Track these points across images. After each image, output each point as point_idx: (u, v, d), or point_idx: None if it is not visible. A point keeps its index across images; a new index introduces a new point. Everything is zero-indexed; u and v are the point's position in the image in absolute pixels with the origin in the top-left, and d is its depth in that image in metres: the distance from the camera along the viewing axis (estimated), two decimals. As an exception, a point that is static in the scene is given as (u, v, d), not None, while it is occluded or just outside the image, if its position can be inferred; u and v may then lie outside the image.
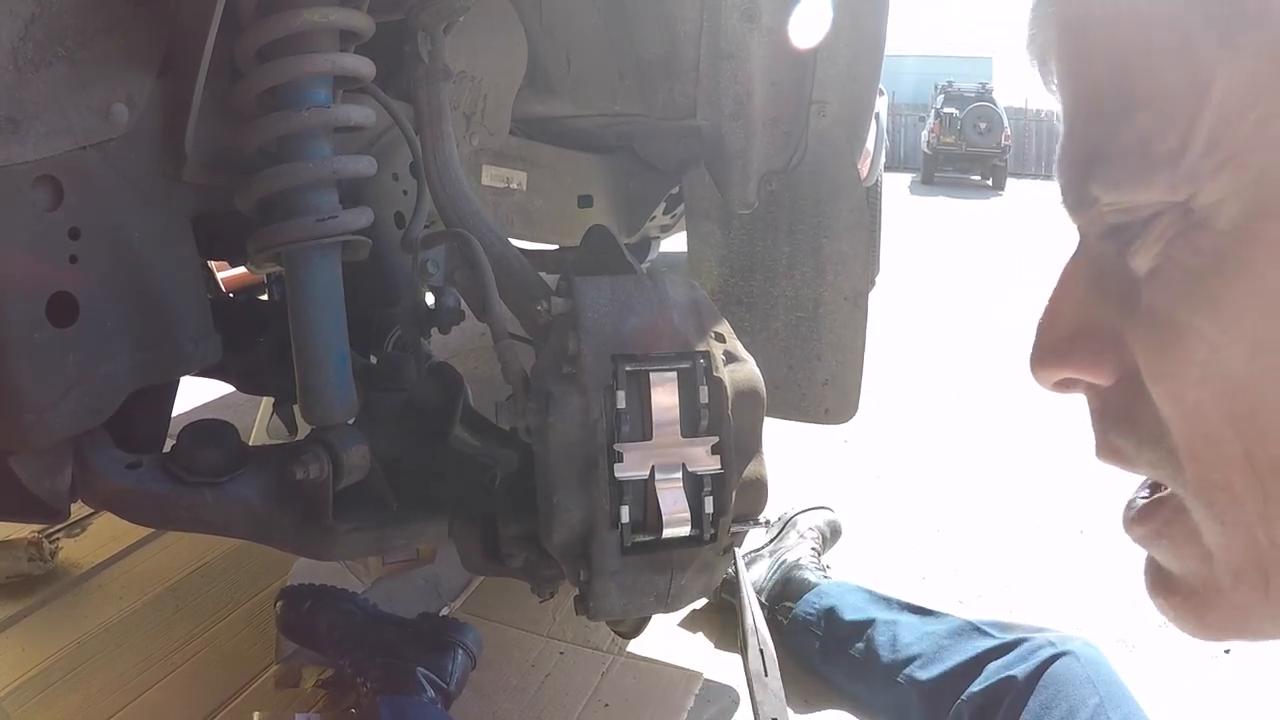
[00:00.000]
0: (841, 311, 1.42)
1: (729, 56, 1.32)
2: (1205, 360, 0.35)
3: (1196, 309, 0.35)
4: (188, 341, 0.83)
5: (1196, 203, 0.34)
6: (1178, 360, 0.36)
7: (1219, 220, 0.33)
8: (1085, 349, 0.40)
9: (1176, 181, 0.34)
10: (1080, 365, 0.41)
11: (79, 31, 0.68)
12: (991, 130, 13.17)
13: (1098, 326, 0.40)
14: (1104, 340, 0.39)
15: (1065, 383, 0.42)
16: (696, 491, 0.74)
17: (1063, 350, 0.41)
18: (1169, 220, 0.35)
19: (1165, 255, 0.36)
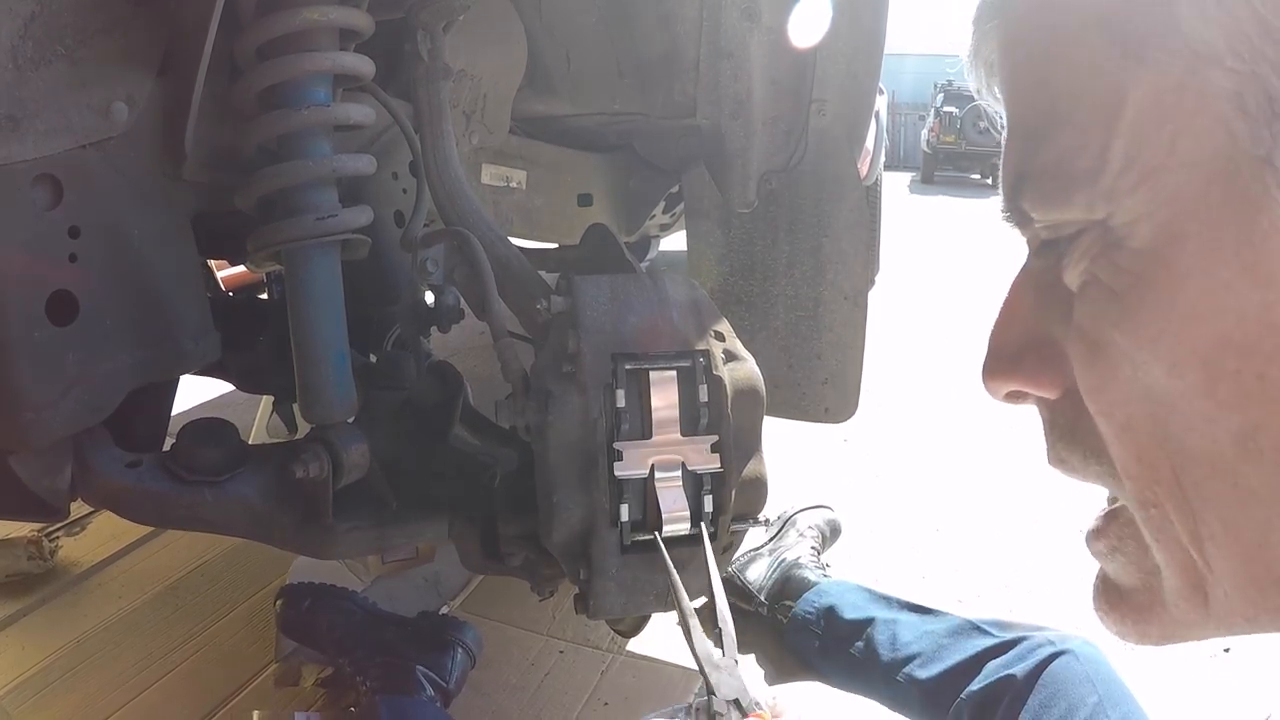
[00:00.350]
0: (841, 310, 1.42)
1: (729, 55, 1.32)
2: (1129, 378, 0.35)
3: (1118, 327, 0.35)
4: (187, 340, 0.83)
5: (1114, 221, 0.34)
6: (1105, 378, 0.36)
7: (1134, 239, 0.34)
8: (1031, 362, 0.40)
9: (1094, 200, 0.34)
10: (1026, 378, 0.41)
11: (79, 30, 0.68)
12: (991, 129, 13.15)
13: (1043, 340, 0.40)
14: (1049, 354, 0.39)
15: (1014, 395, 0.42)
16: (696, 490, 0.74)
17: (1009, 363, 0.41)
18: (1091, 238, 0.35)
19: (1089, 273, 0.36)
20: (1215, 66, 0.31)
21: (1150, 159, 0.33)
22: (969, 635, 1.38)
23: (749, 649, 1.62)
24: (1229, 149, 0.31)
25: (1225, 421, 0.33)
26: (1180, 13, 0.31)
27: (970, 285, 5.61)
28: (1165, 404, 0.34)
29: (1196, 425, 0.34)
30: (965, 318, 4.61)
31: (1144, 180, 0.33)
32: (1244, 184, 0.31)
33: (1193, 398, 0.33)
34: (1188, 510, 0.35)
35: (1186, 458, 0.34)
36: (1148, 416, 0.35)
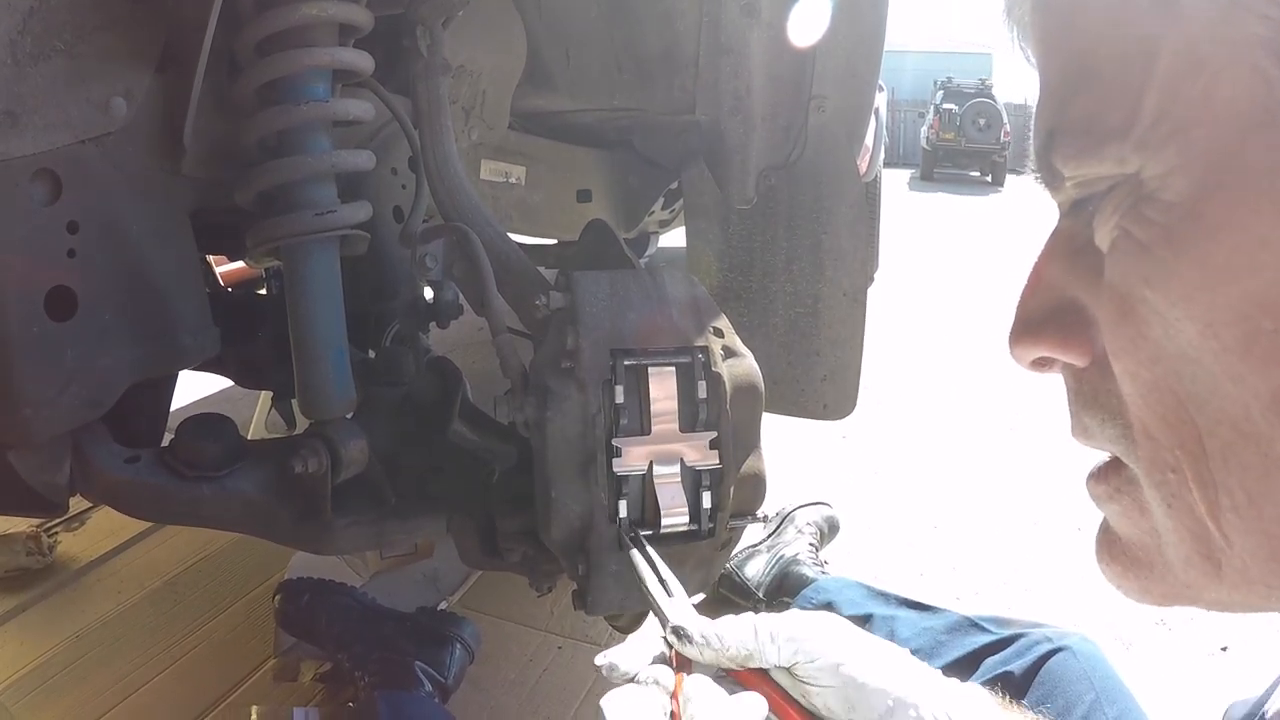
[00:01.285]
0: (840, 307, 1.42)
1: (729, 51, 1.32)
2: (1159, 337, 0.34)
3: (1149, 283, 0.34)
4: (186, 335, 0.83)
5: (1146, 174, 0.33)
6: (1133, 336, 0.35)
7: (1167, 193, 0.33)
8: (1058, 327, 0.40)
9: (1126, 154, 0.33)
10: (1054, 343, 0.40)
11: (77, 25, 0.67)
12: (991, 126, 13.15)
13: (1072, 305, 0.39)
14: (1077, 319, 0.39)
15: (1041, 361, 0.42)
16: (694, 486, 0.74)
17: (1037, 328, 0.41)
18: (1123, 193, 0.35)
19: (1121, 228, 0.35)
20: (1250, 13, 0.30)
21: (1183, 110, 0.32)
22: (967, 632, 1.38)
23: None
24: (1265, 99, 0.30)
25: (1257, 384, 0.32)
26: None
27: (969, 282, 5.61)
28: (1195, 364, 0.33)
29: (1226, 387, 0.32)
30: (964, 315, 4.61)
31: (1177, 132, 0.32)
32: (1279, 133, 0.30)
33: (1224, 358, 0.32)
34: (1208, 478, 0.34)
35: (1213, 421, 0.33)
36: (1176, 376, 0.34)
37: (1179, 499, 0.35)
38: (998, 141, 13.25)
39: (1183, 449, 0.34)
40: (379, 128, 1.08)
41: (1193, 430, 0.34)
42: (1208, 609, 0.38)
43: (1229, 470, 0.33)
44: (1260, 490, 0.33)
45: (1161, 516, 0.36)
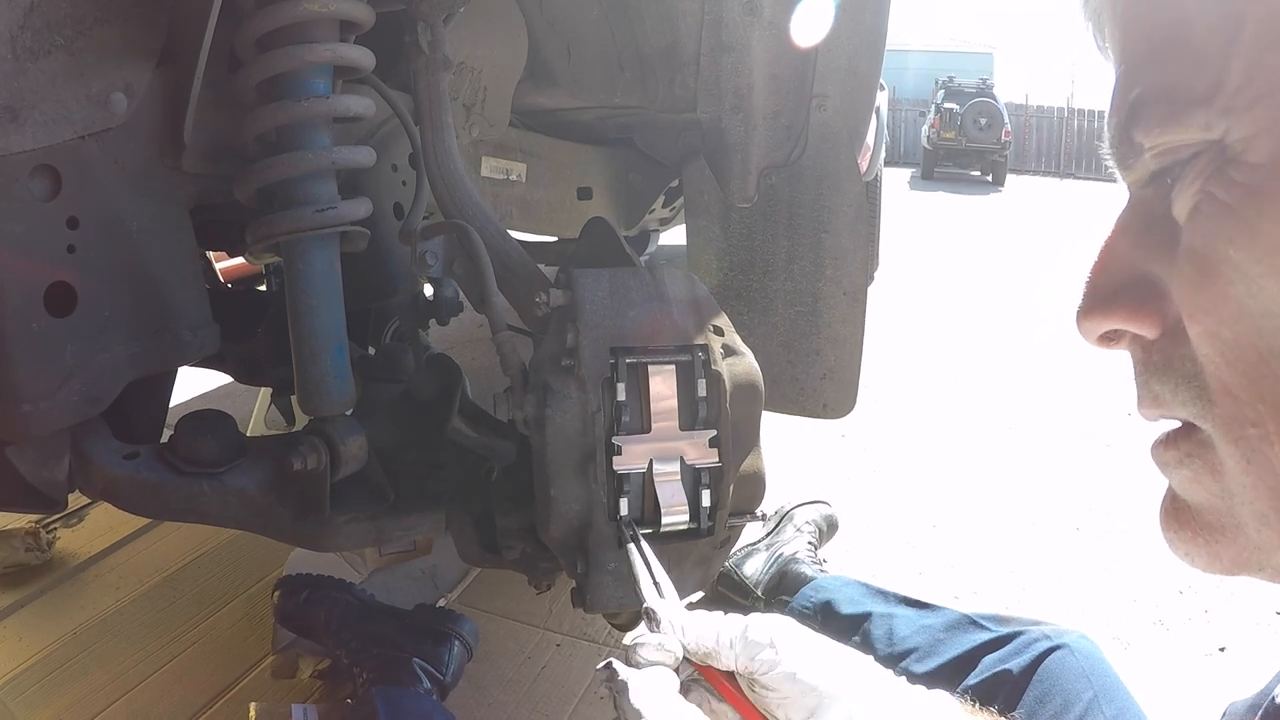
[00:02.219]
0: (840, 306, 1.42)
1: (730, 49, 1.32)
2: (1242, 295, 0.35)
3: (1233, 242, 0.35)
4: (186, 331, 0.83)
5: (1231, 138, 0.35)
6: (1215, 296, 0.36)
7: (1252, 154, 0.34)
8: (1131, 299, 0.41)
9: (1211, 119, 0.35)
10: (1125, 315, 0.41)
11: (78, 20, 0.67)
12: (992, 126, 13.15)
13: (1143, 278, 0.40)
14: (1149, 291, 0.40)
15: (1110, 335, 0.43)
16: (694, 484, 0.74)
17: (1108, 301, 0.42)
18: (1207, 159, 0.36)
19: (1203, 192, 0.36)
20: None
21: (1269, 76, 0.34)
22: (965, 630, 1.38)
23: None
24: None
25: None
26: None
27: (969, 282, 5.61)
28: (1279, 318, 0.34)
29: None
30: (964, 314, 4.61)
31: (1262, 97, 0.34)
32: None
33: None
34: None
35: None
36: (1258, 332, 0.35)
37: (1259, 453, 0.36)
38: (998, 141, 13.24)
39: (1265, 402, 0.36)
40: (379, 124, 1.08)
41: (1276, 384, 0.35)
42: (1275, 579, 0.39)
43: None
44: None
45: (1239, 474, 0.37)
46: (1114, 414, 2.97)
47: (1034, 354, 3.81)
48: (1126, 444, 2.72)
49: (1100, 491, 2.39)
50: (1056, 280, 5.62)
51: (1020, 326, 4.39)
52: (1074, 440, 2.77)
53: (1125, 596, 1.84)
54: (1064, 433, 2.82)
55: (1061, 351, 3.81)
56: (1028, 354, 3.82)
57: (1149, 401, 0.42)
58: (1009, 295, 5.19)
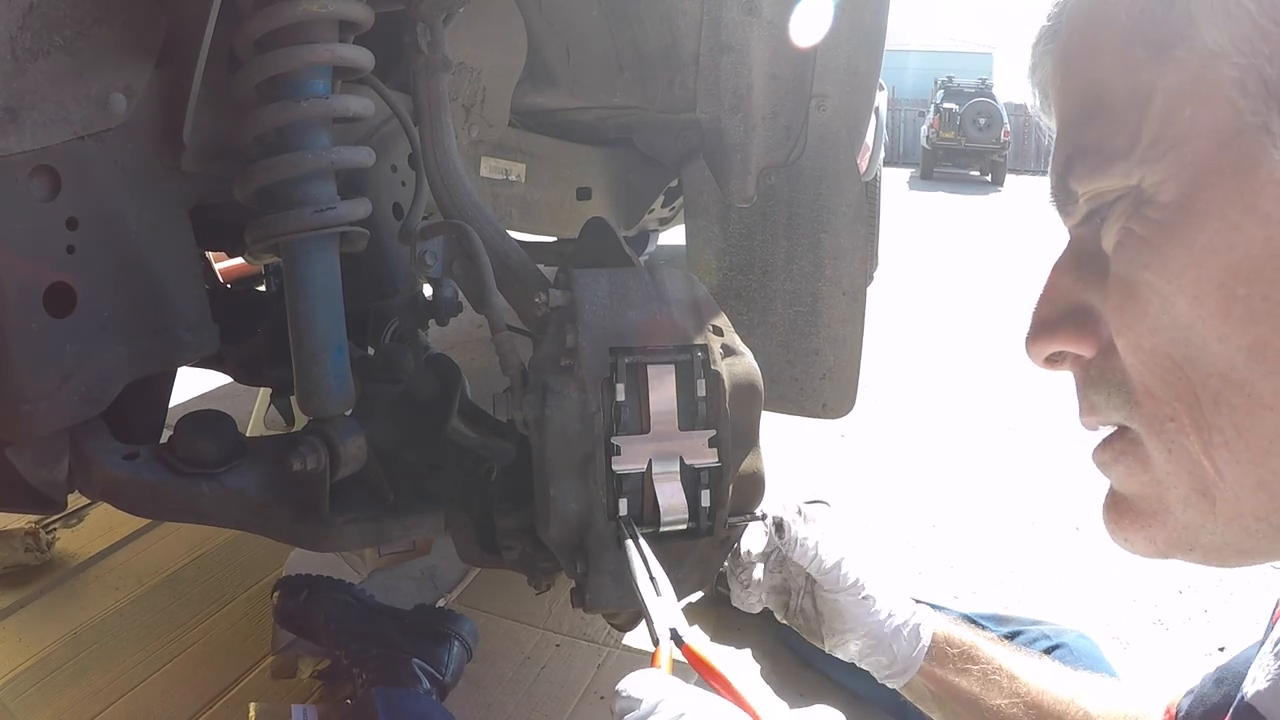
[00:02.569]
0: (839, 306, 1.42)
1: (729, 49, 1.32)
2: (1157, 311, 0.42)
3: (1149, 267, 0.43)
4: (185, 332, 0.83)
5: (1146, 183, 0.43)
6: (1136, 313, 0.44)
7: (1163, 195, 0.42)
8: (1071, 326, 0.48)
9: (1130, 168, 0.43)
10: (1067, 339, 0.49)
11: (77, 21, 0.67)
12: (991, 126, 13.16)
13: (1080, 306, 0.48)
14: (1086, 317, 0.48)
15: (1055, 357, 0.50)
16: (694, 484, 0.74)
17: (1053, 328, 0.49)
18: (1127, 201, 0.44)
19: (1125, 229, 0.44)
20: (1224, 61, 0.40)
21: (1174, 132, 0.41)
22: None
23: (745, 644, 1.63)
24: (1235, 121, 0.40)
25: (1237, 339, 0.40)
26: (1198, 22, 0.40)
27: (968, 282, 5.61)
28: (1187, 328, 0.41)
29: (1213, 344, 0.41)
30: (963, 314, 4.61)
31: (1170, 149, 0.42)
32: (1246, 145, 0.40)
33: (1210, 320, 0.41)
34: (1203, 421, 0.42)
35: (1204, 374, 0.41)
36: (1172, 341, 0.42)
37: (1177, 444, 0.43)
38: (998, 141, 13.26)
39: (1180, 400, 0.43)
40: (379, 124, 1.08)
41: (1188, 384, 0.42)
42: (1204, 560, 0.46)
43: (1219, 412, 0.41)
44: (1246, 424, 0.41)
45: (1162, 463, 0.45)
46: (1113, 414, 2.97)
47: (1033, 354, 3.81)
48: (1126, 444, 2.72)
49: (1099, 492, 2.39)
50: (1056, 280, 5.62)
51: (1019, 326, 4.38)
52: (1073, 440, 2.76)
53: (1125, 596, 1.84)
54: (1063, 433, 2.82)
55: (1061, 351, 3.81)
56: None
57: (1087, 411, 0.49)
58: (1008, 295, 5.19)
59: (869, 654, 0.88)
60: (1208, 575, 1.92)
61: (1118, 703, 0.85)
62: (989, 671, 0.87)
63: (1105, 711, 0.84)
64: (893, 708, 1.41)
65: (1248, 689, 0.62)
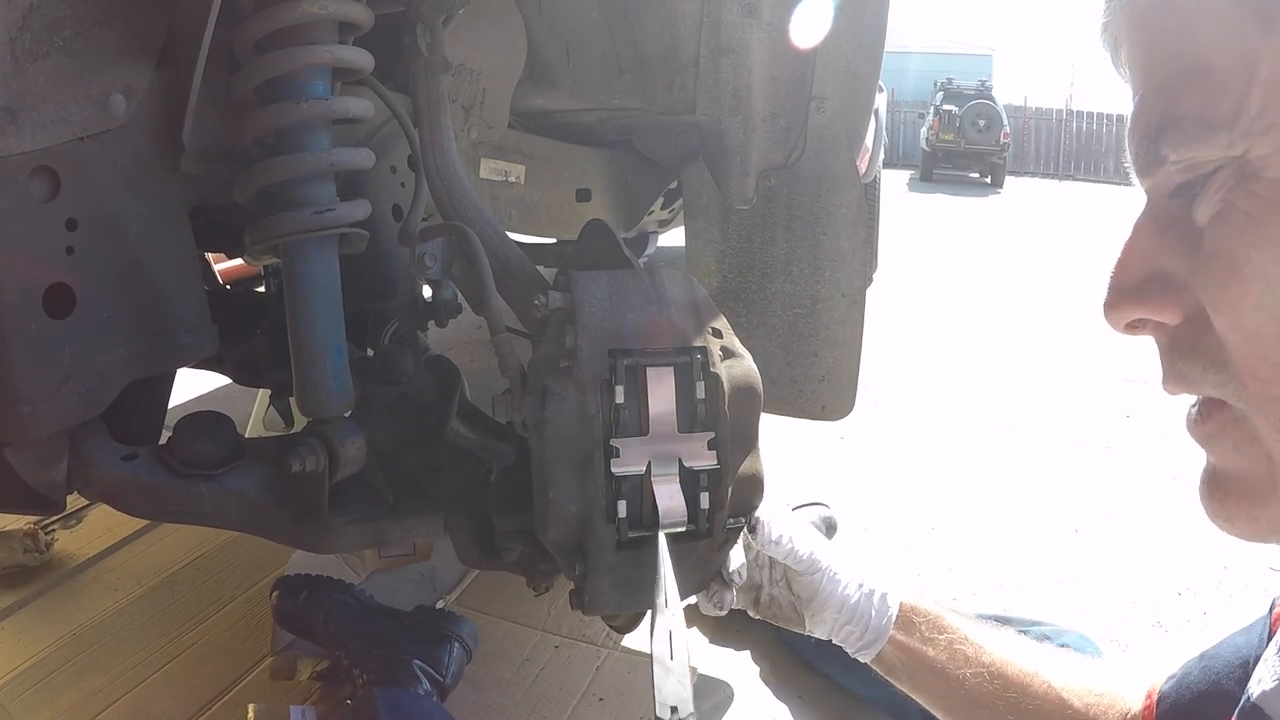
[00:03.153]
0: (839, 308, 1.42)
1: (729, 51, 1.32)
2: (1262, 290, 0.41)
3: (1254, 245, 0.41)
4: (184, 333, 0.83)
5: (1251, 155, 0.41)
6: (1238, 291, 0.42)
7: (1271, 170, 0.40)
8: (1154, 291, 0.47)
9: (1234, 139, 0.41)
10: (1151, 305, 0.47)
11: (77, 22, 0.67)
12: (990, 128, 13.17)
13: (1165, 272, 0.46)
14: (1170, 284, 0.46)
15: (1136, 324, 0.48)
16: (693, 486, 0.74)
17: (1134, 293, 0.47)
18: (1228, 173, 0.42)
19: (1226, 202, 0.42)
20: None
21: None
22: (964, 632, 1.38)
23: (745, 646, 1.63)
24: None
25: None
26: None
27: (967, 284, 5.61)
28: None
29: None
30: (962, 316, 4.61)
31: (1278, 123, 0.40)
32: None
33: None
34: None
35: None
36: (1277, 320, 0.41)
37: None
38: (997, 143, 13.27)
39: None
40: (378, 126, 1.08)
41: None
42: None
43: None
44: None
45: (1274, 442, 0.43)
46: (1112, 416, 2.97)
47: (1032, 356, 3.82)
48: (1125, 446, 2.72)
49: (1099, 493, 2.39)
50: (1055, 282, 5.63)
51: (1019, 329, 4.39)
52: (1072, 442, 2.77)
53: (1124, 598, 1.84)
54: (1062, 435, 2.82)
55: (1060, 353, 3.82)
56: (1026, 356, 3.82)
57: (1175, 380, 0.47)
58: (1007, 297, 5.20)
59: (842, 625, 0.89)
60: (1207, 577, 1.92)
61: (1084, 678, 0.86)
62: (955, 641, 0.88)
63: (1068, 685, 0.85)
64: (892, 708, 1.41)
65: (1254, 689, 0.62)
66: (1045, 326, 4.40)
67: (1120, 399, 3.12)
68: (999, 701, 0.84)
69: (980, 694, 0.85)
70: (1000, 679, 0.85)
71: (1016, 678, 0.85)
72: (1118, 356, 3.61)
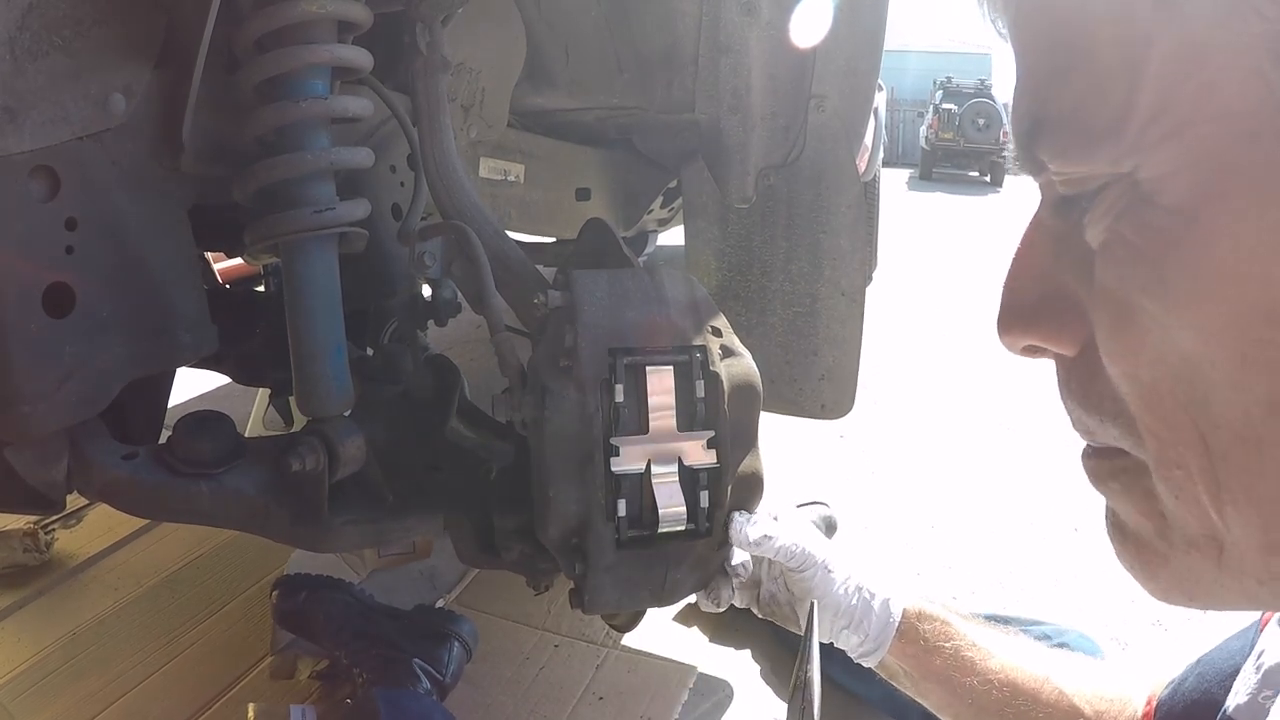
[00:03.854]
0: (838, 307, 1.42)
1: (728, 50, 1.32)
2: (1157, 342, 0.33)
3: (1145, 290, 0.33)
4: (184, 332, 0.83)
5: (1142, 174, 0.32)
6: (1130, 341, 0.34)
7: (1165, 196, 0.31)
8: (1048, 316, 0.39)
9: (1119, 155, 0.32)
10: (1044, 333, 0.39)
11: (76, 21, 0.67)
12: (990, 126, 13.16)
13: (1060, 293, 0.38)
14: (1066, 307, 0.38)
15: (1031, 349, 0.41)
16: (692, 485, 0.74)
17: (1027, 317, 0.40)
18: (1117, 192, 0.33)
19: (1113, 230, 0.34)
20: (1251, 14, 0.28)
21: (1181, 109, 0.30)
22: (963, 631, 1.38)
23: (745, 646, 1.63)
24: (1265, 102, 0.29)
25: (1254, 390, 0.31)
26: None
27: (967, 282, 5.61)
28: (1194, 369, 0.32)
29: (1224, 392, 0.32)
30: (962, 315, 4.61)
31: (1174, 132, 0.31)
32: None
33: (1222, 365, 0.32)
34: (1211, 475, 0.34)
35: (1213, 424, 0.33)
36: (1175, 380, 0.33)
37: (1185, 491, 0.35)
38: (997, 141, 13.25)
39: (1187, 447, 0.34)
40: (378, 125, 1.08)
41: (1195, 431, 0.33)
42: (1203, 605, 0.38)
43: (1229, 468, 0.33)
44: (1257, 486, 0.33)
45: (1169, 504, 0.36)
46: (1112, 414, 2.97)
47: (1032, 355, 3.81)
48: (1124, 444, 2.72)
49: (1098, 493, 2.39)
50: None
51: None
52: (1072, 441, 2.76)
53: (1123, 597, 1.84)
54: (1062, 433, 2.82)
55: (1060, 352, 3.81)
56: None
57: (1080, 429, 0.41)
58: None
59: (840, 631, 0.85)
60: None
61: (1093, 683, 0.83)
62: (963, 648, 0.84)
63: (1079, 691, 0.82)
64: (892, 709, 1.41)
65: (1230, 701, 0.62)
66: (1045, 325, 4.40)
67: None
68: (1008, 709, 0.82)
69: (988, 702, 0.82)
70: (1009, 686, 0.82)
71: (1026, 685, 0.83)
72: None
